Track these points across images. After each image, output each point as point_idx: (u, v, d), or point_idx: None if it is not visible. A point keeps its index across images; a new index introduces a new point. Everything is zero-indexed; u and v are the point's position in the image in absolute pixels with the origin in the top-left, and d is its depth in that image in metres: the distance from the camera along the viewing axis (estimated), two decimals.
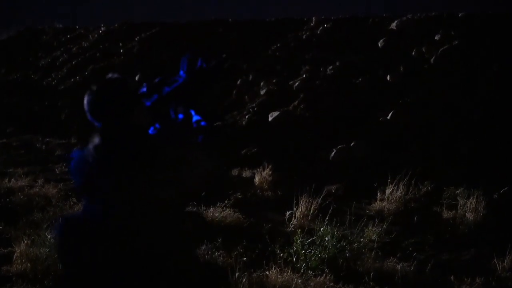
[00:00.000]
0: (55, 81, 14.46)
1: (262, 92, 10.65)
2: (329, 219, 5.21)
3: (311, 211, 5.88)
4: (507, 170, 7.13)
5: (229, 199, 6.57)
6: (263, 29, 12.96)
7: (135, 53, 14.20)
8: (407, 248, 5.36)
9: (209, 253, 4.89)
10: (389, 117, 8.63)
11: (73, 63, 14.95)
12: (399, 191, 6.59)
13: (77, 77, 14.04)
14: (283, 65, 11.28)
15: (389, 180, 6.71)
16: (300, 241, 4.92)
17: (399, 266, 4.80)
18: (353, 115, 8.97)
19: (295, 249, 4.89)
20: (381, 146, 8.17)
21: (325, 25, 12.00)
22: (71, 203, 6.18)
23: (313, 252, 4.83)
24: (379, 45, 10.52)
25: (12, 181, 7.26)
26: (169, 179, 2.08)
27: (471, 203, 6.09)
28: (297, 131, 9.07)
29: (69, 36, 17.13)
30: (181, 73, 2.37)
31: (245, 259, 4.81)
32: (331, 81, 10.09)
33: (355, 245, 4.97)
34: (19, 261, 4.67)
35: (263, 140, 9.11)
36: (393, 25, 10.90)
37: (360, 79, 9.79)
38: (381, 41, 10.55)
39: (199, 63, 2.38)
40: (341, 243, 4.91)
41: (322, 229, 5.09)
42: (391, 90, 9.28)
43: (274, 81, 10.81)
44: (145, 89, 2.30)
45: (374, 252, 4.98)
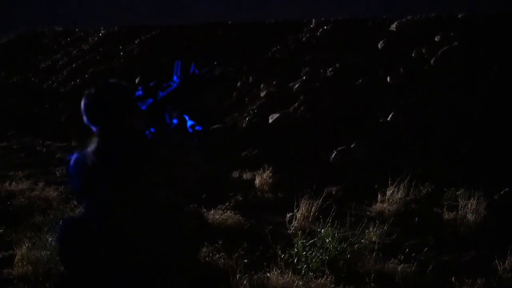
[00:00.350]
0: (56, 84, 14.48)
1: (262, 94, 10.65)
2: (329, 220, 5.21)
3: (312, 213, 5.87)
4: (507, 170, 7.13)
5: (229, 201, 6.57)
6: (263, 31, 12.98)
7: (135, 55, 14.22)
8: (408, 249, 5.36)
9: (210, 255, 4.89)
10: (389, 118, 8.63)
11: (73, 66, 14.98)
12: (399, 193, 6.59)
13: (77, 80, 14.05)
14: (283, 67, 11.29)
15: (390, 181, 6.71)
16: (301, 242, 4.92)
17: (400, 267, 4.79)
18: (353, 116, 8.98)
19: (296, 250, 4.88)
20: (381, 147, 8.17)
21: (325, 27, 12.01)
22: (72, 205, 6.18)
23: (314, 253, 4.83)
24: (379, 46, 10.53)
25: (12, 184, 7.27)
26: (165, 181, 2.09)
27: (472, 204, 6.09)
28: (297, 133, 9.08)
29: (69, 39, 17.16)
30: (175, 78, 2.39)
31: (246, 261, 4.80)
32: (331, 82, 10.10)
33: (356, 246, 4.96)
34: (20, 264, 4.67)
35: (263, 142, 9.11)
36: (393, 26, 10.91)
37: (360, 80, 9.79)
38: (381, 42, 10.56)
39: (192, 69, 2.40)
40: (341, 244, 4.91)
41: (322, 230, 5.09)
42: (391, 91, 9.29)
43: (274, 83, 10.82)
44: (140, 93, 2.31)
45: (374, 253, 4.97)
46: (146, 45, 14.44)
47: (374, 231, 5.47)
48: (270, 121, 9.62)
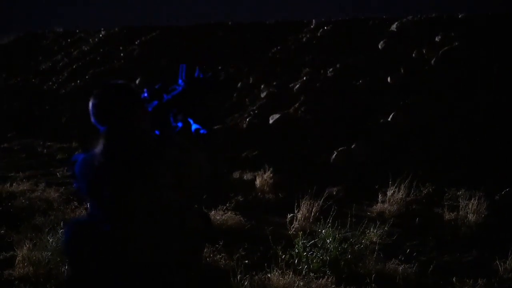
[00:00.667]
0: (56, 85, 14.48)
1: (262, 94, 10.66)
2: (330, 221, 5.21)
3: (313, 213, 5.87)
4: (508, 170, 7.13)
5: (230, 202, 6.57)
6: (263, 32, 12.98)
7: (136, 56, 14.22)
8: (409, 249, 5.36)
9: (211, 255, 4.89)
10: (389, 118, 8.63)
11: (74, 67, 14.97)
12: (400, 193, 6.59)
13: (78, 81, 14.06)
14: (283, 67, 11.29)
15: (390, 181, 6.71)
16: (301, 243, 4.92)
17: (401, 268, 4.79)
18: (354, 116, 8.98)
19: (296, 251, 4.88)
20: (381, 147, 8.17)
21: (325, 27, 12.02)
22: (73, 206, 6.19)
23: (315, 254, 4.83)
24: (380, 46, 10.53)
25: (13, 185, 7.27)
26: (172, 182, 2.10)
27: (473, 204, 6.09)
28: (297, 134, 9.08)
29: (69, 40, 17.16)
30: (180, 81, 2.40)
31: (246, 261, 4.81)
32: (331, 83, 10.10)
33: (357, 247, 4.96)
34: (21, 265, 4.68)
35: (264, 142, 9.11)
36: (393, 27, 10.91)
37: (360, 80, 9.80)
38: (382, 42, 10.56)
39: (196, 73, 2.42)
40: (342, 245, 4.91)
41: (323, 231, 5.09)
42: (391, 91, 9.29)
43: (274, 83, 10.82)
44: (146, 95, 2.33)
45: (375, 254, 4.97)
46: (146, 46, 14.44)
47: (374, 231, 5.47)
48: (270, 121, 9.62)
